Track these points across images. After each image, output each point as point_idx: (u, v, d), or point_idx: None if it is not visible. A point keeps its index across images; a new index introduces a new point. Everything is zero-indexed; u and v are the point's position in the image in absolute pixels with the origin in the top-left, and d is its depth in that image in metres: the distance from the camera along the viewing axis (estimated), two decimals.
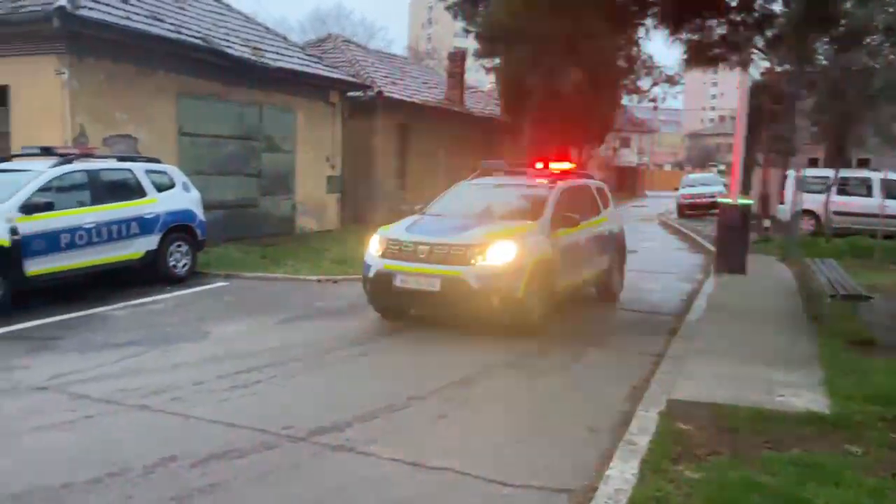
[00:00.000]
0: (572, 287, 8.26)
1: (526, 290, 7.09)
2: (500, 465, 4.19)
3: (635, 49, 27.43)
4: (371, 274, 7.58)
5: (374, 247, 7.71)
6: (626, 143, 51.94)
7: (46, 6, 10.48)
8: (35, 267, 8.09)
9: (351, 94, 17.95)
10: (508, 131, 25.74)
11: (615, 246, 9.56)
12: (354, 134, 18.09)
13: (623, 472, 3.98)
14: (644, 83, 30.47)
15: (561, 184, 8.51)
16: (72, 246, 8.51)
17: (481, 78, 38.22)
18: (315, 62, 16.87)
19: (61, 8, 10.26)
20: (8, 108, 11.40)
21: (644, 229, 22.29)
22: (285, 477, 4.02)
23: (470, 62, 26.88)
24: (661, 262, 14.08)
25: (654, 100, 31.78)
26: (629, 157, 52.17)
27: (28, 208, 8.01)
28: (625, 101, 32.95)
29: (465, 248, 7.15)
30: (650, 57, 29.27)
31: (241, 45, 14.35)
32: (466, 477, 4.04)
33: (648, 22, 9.42)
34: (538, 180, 8.70)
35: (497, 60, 24.66)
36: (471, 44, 26.89)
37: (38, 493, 3.74)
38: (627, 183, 51.69)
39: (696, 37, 9.53)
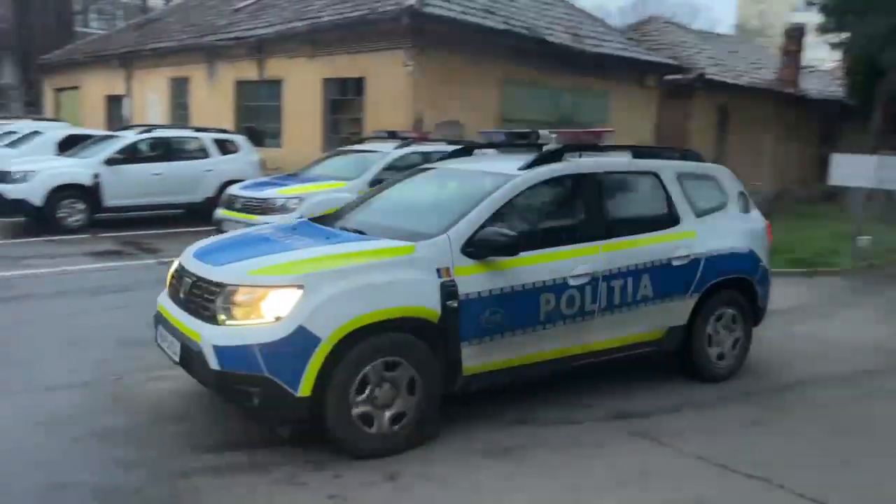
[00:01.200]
0: (538, 362, 4.50)
1: (321, 384, 3.73)
2: (822, 487, 3.78)
3: None
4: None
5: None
6: None
7: (398, 5, 11.93)
8: None
9: (668, 76, 17.35)
10: (854, 115, 22.61)
11: (711, 282, 5.22)
12: (668, 116, 17.46)
13: None
14: None
15: (540, 170, 4.69)
16: None
17: (820, 56, 34.11)
18: (633, 46, 16.63)
19: (410, 7, 11.59)
20: (363, 97, 13.28)
21: None
22: (587, 453, 4.11)
23: (808, 39, 24.12)
24: None
25: None
26: None
27: (375, 184, 9.27)
28: None
29: (217, 290, 3.97)
30: None
31: (562, 33, 14.73)
32: (781, 491, 3.73)
33: None
34: (506, 164, 4.93)
35: (845, 35, 21.75)
36: (811, 18, 24.10)
37: None
38: None
39: None
